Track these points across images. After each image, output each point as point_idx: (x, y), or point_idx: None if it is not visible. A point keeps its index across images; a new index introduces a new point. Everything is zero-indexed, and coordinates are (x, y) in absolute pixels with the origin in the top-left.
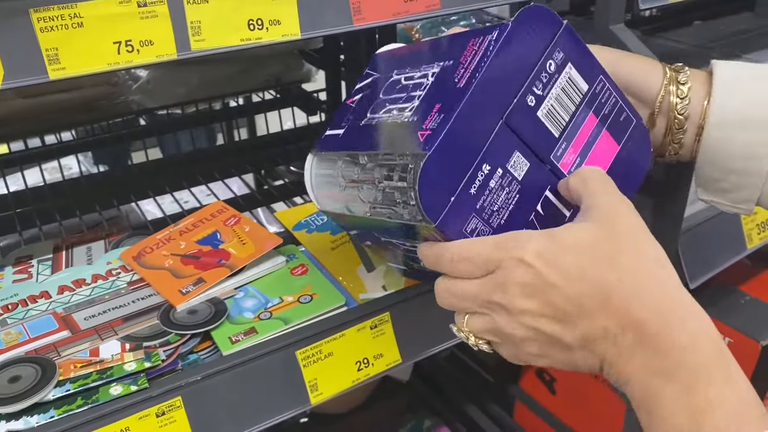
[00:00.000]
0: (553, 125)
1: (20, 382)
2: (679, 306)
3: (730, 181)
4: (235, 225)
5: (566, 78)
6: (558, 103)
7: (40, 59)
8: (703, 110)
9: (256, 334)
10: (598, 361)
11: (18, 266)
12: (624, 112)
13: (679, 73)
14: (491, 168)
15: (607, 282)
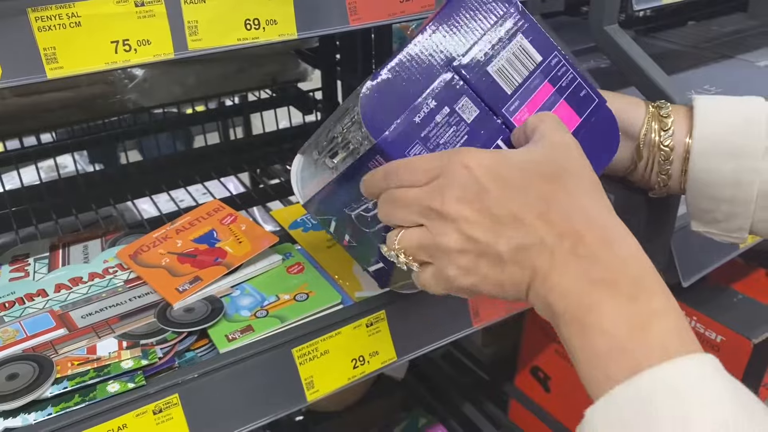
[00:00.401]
0: (504, 82)
1: (18, 380)
2: (617, 226)
3: (722, 211)
4: (232, 223)
5: (518, 46)
6: (509, 65)
7: (38, 58)
8: (687, 142)
9: (253, 332)
10: (527, 277)
11: (15, 264)
12: (584, 89)
13: (661, 108)
14: (437, 104)
15: (548, 194)
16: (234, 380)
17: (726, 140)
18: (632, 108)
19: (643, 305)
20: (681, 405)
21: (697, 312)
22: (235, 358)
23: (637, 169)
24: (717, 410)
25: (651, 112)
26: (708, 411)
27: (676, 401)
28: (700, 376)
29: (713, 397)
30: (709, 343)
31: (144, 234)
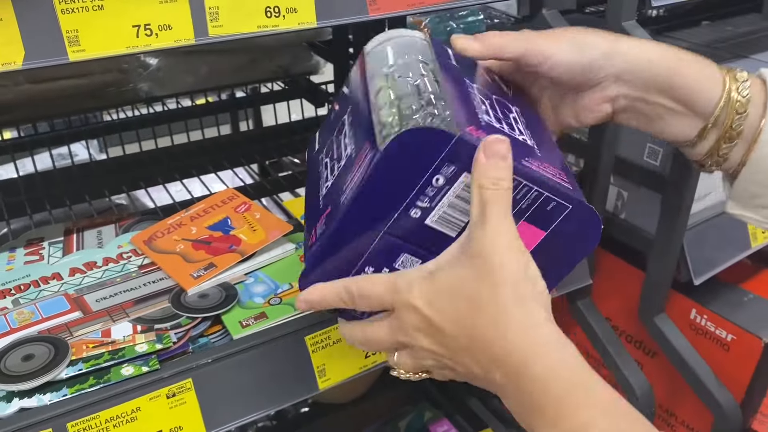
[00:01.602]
0: (448, 228)
1: (33, 361)
2: (536, 343)
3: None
4: (246, 212)
5: (462, 186)
6: (453, 209)
7: (60, 41)
8: (760, 126)
9: (267, 318)
10: (486, 385)
11: (29, 248)
12: (552, 201)
13: (740, 83)
14: (375, 269)
15: (470, 325)
16: (247, 366)
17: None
18: (708, 84)
19: (569, 423)
20: None
21: (707, 310)
22: (248, 345)
23: (695, 147)
24: None
25: (728, 88)
26: None
27: None
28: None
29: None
30: (720, 342)
31: (157, 220)
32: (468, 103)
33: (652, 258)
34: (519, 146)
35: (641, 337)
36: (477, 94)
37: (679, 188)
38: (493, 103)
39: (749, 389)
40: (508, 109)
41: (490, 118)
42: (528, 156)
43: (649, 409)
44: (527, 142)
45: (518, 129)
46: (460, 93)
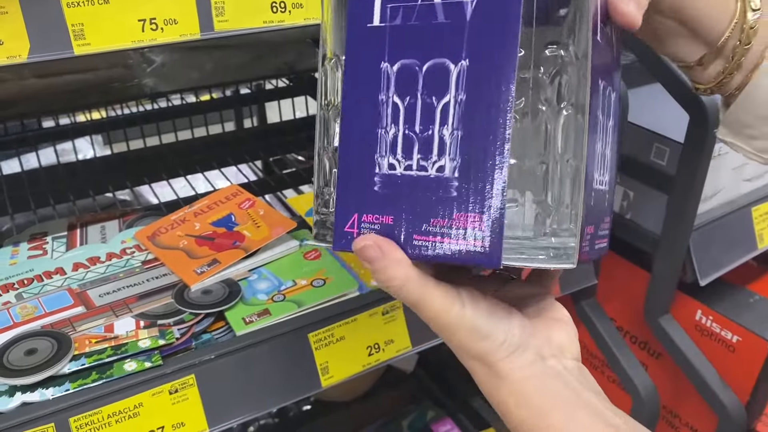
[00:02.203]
0: None
1: (36, 355)
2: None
3: (762, 130)
4: (250, 208)
5: None
6: None
7: (66, 34)
8: (761, 56)
9: (270, 315)
10: None
11: (33, 243)
12: None
13: (751, 12)
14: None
15: None
16: (250, 363)
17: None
18: (718, 11)
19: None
20: None
21: (713, 311)
22: (251, 341)
23: (693, 69)
24: None
25: (738, 18)
26: None
27: None
28: None
29: None
30: (726, 343)
31: (161, 216)
32: None
33: (658, 258)
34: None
35: (646, 338)
36: None
37: (686, 189)
38: None
39: (754, 391)
40: None
41: None
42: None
43: (653, 411)
44: None
45: None
46: None
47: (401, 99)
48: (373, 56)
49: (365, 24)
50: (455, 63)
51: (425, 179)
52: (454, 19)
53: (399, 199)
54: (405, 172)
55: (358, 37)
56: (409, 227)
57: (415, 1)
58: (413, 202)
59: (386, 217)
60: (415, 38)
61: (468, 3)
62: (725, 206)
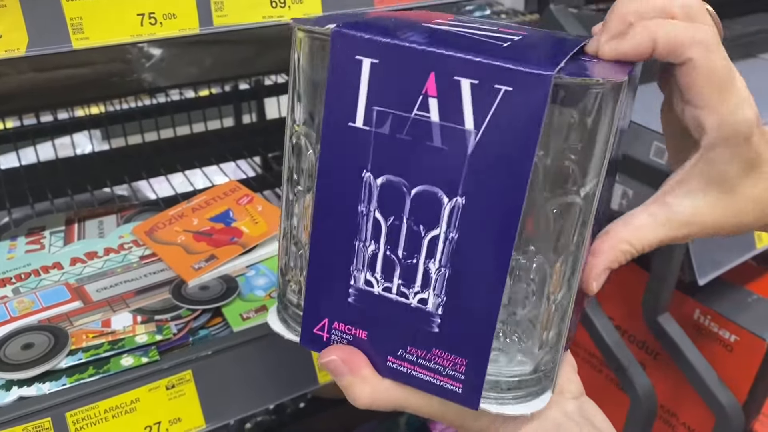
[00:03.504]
0: None
1: (33, 349)
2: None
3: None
4: (248, 204)
5: None
6: None
7: (64, 28)
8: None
9: (268, 312)
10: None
11: (30, 237)
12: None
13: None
14: None
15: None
16: (247, 359)
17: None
18: None
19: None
20: None
21: (711, 311)
22: (249, 337)
23: None
24: None
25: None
26: None
27: None
28: None
29: None
30: (723, 342)
31: (159, 211)
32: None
33: (657, 258)
34: None
35: (644, 337)
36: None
37: None
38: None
39: (752, 391)
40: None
41: None
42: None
43: (651, 410)
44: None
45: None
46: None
47: (384, 217)
48: (353, 161)
49: (346, 122)
50: (449, 197)
51: (405, 306)
52: (453, 147)
53: (375, 319)
54: (383, 293)
55: (336, 135)
56: (384, 348)
57: (408, 113)
58: (391, 325)
59: (360, 332)
60: (404, 156)
61: (471, 133)
62: None
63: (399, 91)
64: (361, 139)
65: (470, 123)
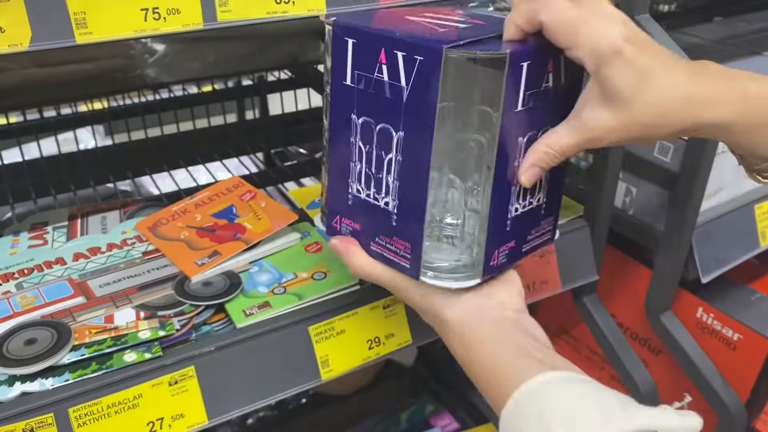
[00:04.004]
0: None
1: (36, 345)
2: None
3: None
4: (251, 200)
5: None
6: None
7: (68, 23)
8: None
9: (270, 308)
10: None
11: (33, 232)
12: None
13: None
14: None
15: None
16: (250, 355)
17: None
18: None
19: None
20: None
21: (714, 309)
22: (251, 333)
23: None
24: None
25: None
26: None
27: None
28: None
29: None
30: (726, 341)
31: (162, 207)
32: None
33: (660, 255)
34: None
35: (646, 335)
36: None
37: (689, 185)
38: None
39: (755, 389)
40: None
41: None
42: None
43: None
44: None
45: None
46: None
47: (363, 145)
48: (346, 107)
49: (341, 81)
50: (395, 131)
51: (377, 207)
52: (396, 97)
53: (362, 215)
54: (365, 198)
55: (337, 89)
56: (368, 236)
57: (372, 75)
58: (370, 220)
59: (355, 224)
60: (371, 103)
61: (404, 88)
62: (728, 203)
63: (367, 60)
64: (350, 92)
65: (404, 81)
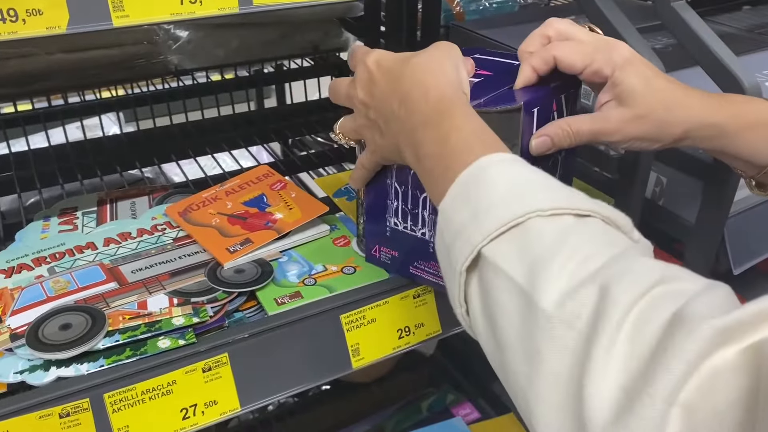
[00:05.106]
0: None
1: (71, 330)
2: (436, 83)
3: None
4: (282, 190)
5: None
6: None
7: (105, 5)
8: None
9: (302, 298)
10: (396, 146)
11: (63, 217)
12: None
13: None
14: None
15: (401, 73)
16: (282, 343)
17: None
18: (762, 142)
19: (444, 127)
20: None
21: (745, 300)
22: (284, 321)
23: (753, 178)
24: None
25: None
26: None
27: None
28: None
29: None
30: None
31: (190, 194)
32: None
33: (691, 247)
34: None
35: None
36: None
37: (722, 175)
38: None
39: None
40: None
41: None
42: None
43: None
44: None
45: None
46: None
47: (399, 186)
48: None
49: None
50: None
51: (415, 237)
52: None
53: (401, 244)
54: (402, 229)
55: None
56: (407, 261)
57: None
58: (409, 248)
59: (393, 252)
60: None
61: None
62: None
63: None
64: None
65: None
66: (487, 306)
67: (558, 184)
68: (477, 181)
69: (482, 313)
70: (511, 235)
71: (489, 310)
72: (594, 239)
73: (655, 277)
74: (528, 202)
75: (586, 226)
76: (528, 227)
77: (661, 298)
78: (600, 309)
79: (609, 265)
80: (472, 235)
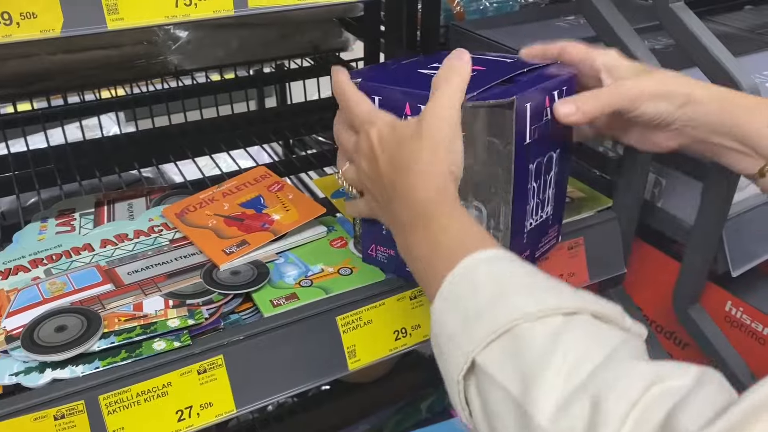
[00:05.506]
0: None
1: (66, 332)
2: (424, 185)
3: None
4: (279, 191)
5: None
6: None
7: (99, 9)
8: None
9: (298, 299)
10: (391, 225)
11: (61, 218)
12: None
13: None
14: None
15: (399, 161)
16: (278, 345)
17: None
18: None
19: (433, 228)
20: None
21: (744, 303)
22: (280, 323)
23: (757, 180)
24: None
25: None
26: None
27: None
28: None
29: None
30: (756, 335)
31: (188, 195)
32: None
33: (690, 248)
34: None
35: (673, 328)
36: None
37: (721, 177)
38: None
39: None
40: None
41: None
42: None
43: None
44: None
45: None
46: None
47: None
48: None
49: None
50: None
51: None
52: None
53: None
54: None
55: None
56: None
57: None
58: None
59: (390, 251)
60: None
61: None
62: (761, 195)
63: (394, 113)
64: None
65: None
66: (487, 414)
67: (543, 278)
68: (464, 283)
69: (483, 419)
70: (502, 342)
71: (489, 418)
72: (584, 340)
73: (646, 381)
74: (516, 305)
75: (575, 327)
76: (517, 334)
77: (654, 402)
78: (593, 423)
79: (598, 372)
80: (464, 343)
